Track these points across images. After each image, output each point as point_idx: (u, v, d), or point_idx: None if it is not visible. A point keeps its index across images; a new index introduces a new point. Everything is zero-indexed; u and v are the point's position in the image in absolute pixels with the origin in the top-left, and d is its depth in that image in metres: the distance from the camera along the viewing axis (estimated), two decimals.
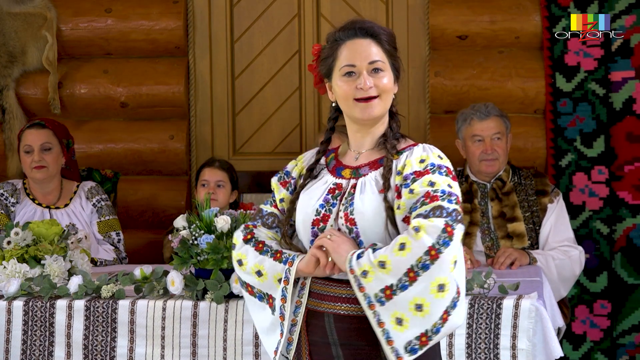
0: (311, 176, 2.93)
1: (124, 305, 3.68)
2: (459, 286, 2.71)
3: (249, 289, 2.92)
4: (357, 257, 2.72)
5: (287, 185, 2.96)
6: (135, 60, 5.63)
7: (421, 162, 2.79)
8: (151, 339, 3.65)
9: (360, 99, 2.82)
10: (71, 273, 3.93)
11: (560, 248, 4.70)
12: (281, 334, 2.86)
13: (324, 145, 2.97)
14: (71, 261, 3.99)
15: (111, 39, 5.61)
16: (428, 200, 2.71)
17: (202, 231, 3.59)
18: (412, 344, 2.68)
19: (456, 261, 2.69)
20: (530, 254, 4.54)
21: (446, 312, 2.68)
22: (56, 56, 5.55)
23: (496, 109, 4.83)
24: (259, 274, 2.87)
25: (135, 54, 5.64)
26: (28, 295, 3.78)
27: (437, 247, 2.65)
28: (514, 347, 3.50)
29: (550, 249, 4.70)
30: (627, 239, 5.27)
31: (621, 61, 5.26)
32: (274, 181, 2.99)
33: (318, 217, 2.84)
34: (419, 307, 2.67)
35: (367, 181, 2.83)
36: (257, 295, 2.91)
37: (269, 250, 2.88)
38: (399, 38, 5.54)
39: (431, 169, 2.77)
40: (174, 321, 3.64)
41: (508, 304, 3.52)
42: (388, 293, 2.67)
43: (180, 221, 3.66)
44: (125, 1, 5.61)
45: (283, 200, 2.95)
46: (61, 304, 3.71)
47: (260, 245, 2.90)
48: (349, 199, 2.81)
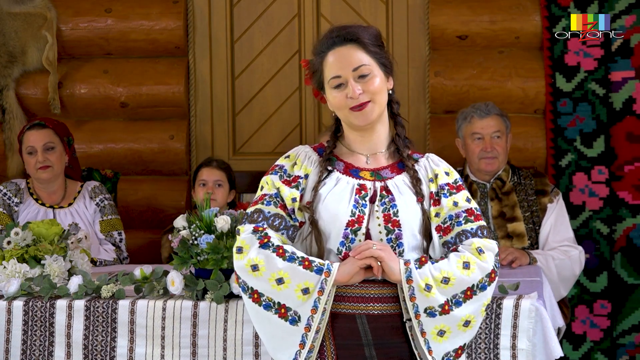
0: (328, 170, 2.87)
1: (124, 305, 3.67)
2: None
3: (255, 296, 2.79)
4: (415, 267, 2.76)
5: (293, 185, 2.87)
6: (135, 60, 5.63)
7: (447, 174, 2.89)
8: (151, 339, 3.65)
9: (354, 107, 2.81)
10: (71, 273, 3.93)
11: (560, 248, 4.70)
12: (301, 344, 2.77)
13: (331, 146, 2.93)
14: (71, 261, 3.98)
15: (111, 39, 5.60)
16: (472, 218, 2.84)
17: (202, 231, 3.59)
18: (449, 355, 2.80)
19: None
20: (530, 254, 4.54)
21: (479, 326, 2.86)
22: (56, 56, 5.55)
23: (496, 108, 4.84)
24: (279, 281, 2.76)
25: (135, 54, 5.64)
26: (28, 295, 3.77)
27: (495, 270, 2.83)
28: (514, 347, 3.50)
29: (550, 248, 4.70)
30: (627, 239, 5.27)
31: (621, 61, 5.26)
32: (274, 180, 2.87)
33: (353, 218, 2.80)
34: (467, 324, 2.80)
35: (399, 184, 2.85)
36: (263, 303, 2.79)
37: (295, 257, 2.78)
38: (399, 38, 5.60)
39: (462, 184, 2.90)
40: (174, 321, 3.64)
41: (508, 304, 3.52)
42: (446, 308, 2.76)
43: (180, 221, 3.66)
44: (125, 1, 5.60)
45: (295, 200, 2.85)
46: (61, 304, 3.70)
47: (281, 251, 2.79)
48: (387, 200, 2.82)
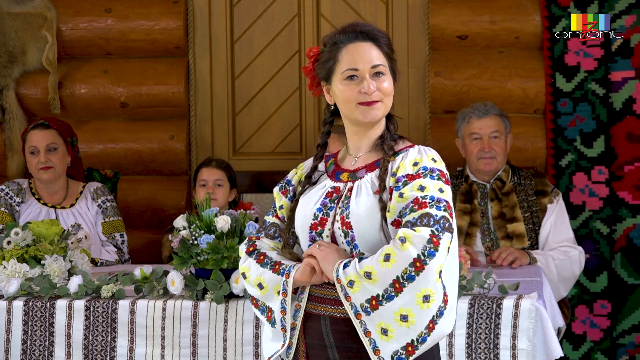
0: (310, 182, 2.92)
1: (124, 305, 3.67)
2: (447, 293, 2.71)
3: (254, 301, 2.93)
4: (344, 266, 2.72)
5: (286, 193, 2.96)
6: (135, 60, 5.63)
7: (414, 164, 2.78)
8: (151, 339, 3.65)
9: (364, 102, 2.81)
10: (71, 273, 3.93)
11: (560, 248, 4.70)
12: (282, 344, 2.86)
13: (321, 150, 2.96)
14: (71, 261, 3.98)
15: (111, 39, 5.60)
16: (417, 206, 2.70)
17: (202, 231, 3.59)
18: (399, 354, 2.70)
19: (441, 270, 2.68)
20: (530, 254, 4.54)
21: (432, 321, 2.69)
22: (56, 56, 5.55)
23: (496, 108, 4.83)
24: (260, 286, 2.87)
25: (135, 54, 5.64)
26: (28, 295, 3.77)
27: (422, 258, 2.65)
28: (514, 347, 3.50)
29: (550, 249, 4.70)
30: (627, 239, 5.27)
31: (621, 61, 5.26)
32: (275, 191, 2.98)
33: (316, 221, 2.83)
34: (404, 318, 2.68)
35: (363, 183, 2.83)
36: (260, 308, 2.91)
37: (269, 262, 2.87)
38: (399, 38, 5.61)
39: (423, 172, 2.76)
40: (174, 321, 3.64)
41: (508, 304, 3.52)
42: (374, 303, 2.69)
43: (180, 221, 3.66)
44: (125, 1, 5.60)
45: (282, 208, 2.95)
46: (61, 304, 3.70)
47: (261, 258, 2.89)
48: (345, 202, 2.81)
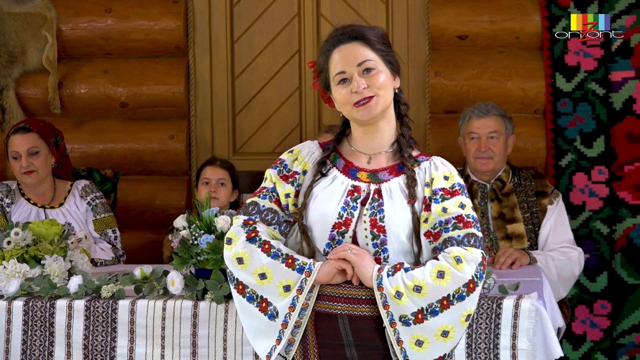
0: (322, 173, 2.87)
1: (124, 305, 3.67)
2: None
3: (240, 287, 2.83)
4: (387, 274, 2.72)
5: (290, 181, 2.89)
6: (135, 60, 5.63)
7: (446, 179, 2.82)
8: (151, 339, 3.65)
9: (358, 102, 2.80)
10: (71, 273, 3.93)
11: (559, 249, 4.70)
12: (278, 340, 2.80)
13: (331, 146, 2.92)
14: (71, 261, 3.98)
15: (111, 39, 5.60)
16: (461, 225, 2.76)
17: (202, 231, 3.59)
18: None
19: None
20: (530, 254, 4.54)
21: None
22: (56, 56, 5.55)
23: (498, 108, 4.82)
24: (262, 276, 2.80)
25: (135, 54, 5.64)
26: (28, 295, 3.77)
27: (475, 280, 2.72)
28: (514, 347, 3.50)
29: (549, 250, 4.70)
30: (627, 239, 5.27)
31: (621, 61, 5.26)
32: (273, 174, 2.91)
33: (340, 220, 2.80)
34: (445, 334, 2.72)
35: (392, 188, 2.82)
36: (247, 295, 2.82)
37: (279, 254, 2.80)
38: (399, 38, 5.60)
39: (459, 189, 2.81)
40: (174, 321, 3.64)
41: (508, 304, 3.52)
42: (420, 317, 2.71)
43: (180, 221, 3.65)
44: (125, 1, 5.60)
45: (289, 196, 2.88)
46: (61, 304, 3.70)
47: (266, 247, 2.81)
48: (376, 204, 2.79)
